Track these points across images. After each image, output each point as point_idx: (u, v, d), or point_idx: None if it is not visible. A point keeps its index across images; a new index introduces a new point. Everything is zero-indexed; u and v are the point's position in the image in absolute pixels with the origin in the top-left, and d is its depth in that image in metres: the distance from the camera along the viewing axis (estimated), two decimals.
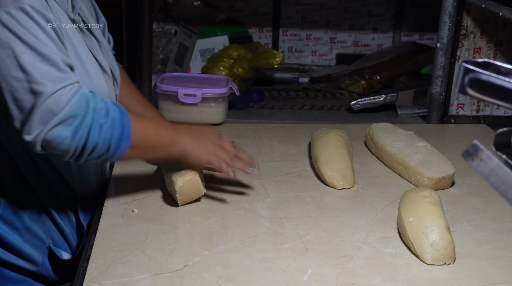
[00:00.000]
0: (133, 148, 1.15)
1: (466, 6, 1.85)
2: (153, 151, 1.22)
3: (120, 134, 1.12)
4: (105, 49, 1.33)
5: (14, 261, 1.27)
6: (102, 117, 1.11)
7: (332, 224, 1.24)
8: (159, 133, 1.21)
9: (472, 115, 1.99)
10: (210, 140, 1.27)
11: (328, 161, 1.43)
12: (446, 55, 1.87)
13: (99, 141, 1.10)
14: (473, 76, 0.63)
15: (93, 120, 1.10)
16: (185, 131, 1.25)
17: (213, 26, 2.39)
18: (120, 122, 1.13)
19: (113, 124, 1.12)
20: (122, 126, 1.13)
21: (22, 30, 1.05)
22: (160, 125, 1.24)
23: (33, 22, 1.06)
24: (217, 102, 1.79)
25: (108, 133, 1.11)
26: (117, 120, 1.13)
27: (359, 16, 2.57)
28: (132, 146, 1.15)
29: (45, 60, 1.06)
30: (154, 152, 1.22)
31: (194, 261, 1.09)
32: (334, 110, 2.07)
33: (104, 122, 1.11)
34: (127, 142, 1.14)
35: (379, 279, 1.06)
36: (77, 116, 1.08)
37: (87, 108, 1.09)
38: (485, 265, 1.12)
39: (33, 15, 1.06)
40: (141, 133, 1.17)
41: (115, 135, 1.12)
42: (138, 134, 1.16)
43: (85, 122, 1.09)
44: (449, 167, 1.43)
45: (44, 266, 1.29)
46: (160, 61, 2.40)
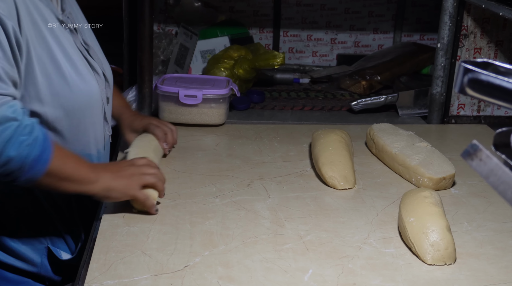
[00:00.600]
0: (48, 175, 1.10)
1: (467, 6, 1.85)
2: (69, 184, 1.15)
3: (39, 155, 1.07)
4: (94, 52, 1.33)
5: (13, 263, 1.27)
6: (24, 134, 1.06)
7: (332, 225, 1.24)
8: (79, 167, 1.15)
9: (472, 115, 1.99)
10: (129, 171, 1.21)
11: (328, 162, 1.43)
12: (446, 56, 1.87)
13: (14, 157, 1.05)
14: (472, 76, 0.63)
15: (14, 134, 1.05)
16: (103, 169, 1.20)
17: (213, 27, 2.40)
18: (42, 143, 1.08)
19: (34, 143, 1.07)
20: (43, 149, 1.08)
21: None
22: (81, 161, 1.18)
23: None
24: (218, 103, 1.79)
25: (26, 151, 1.06)
26: (39, 141, 1.08)
27: (359, 16, 2.57)
28: (48, 173, 1.10)
29: None
30: (70, 185, 1.15)
31: (195, 262, 1.09)
32: (334, 110, 2.07)
33: (25, 139, 1.06)
34: (43, 166, 1.08)
35: (380, 279, 1.06)
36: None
37: (11, 121, 1.05)
38: (485, 265, 1.12)
39: None
40: (60, 162, 1.12)
41: (33, 154, 1.07)
42: (58, 162, 1.11)
43: (5, 134, 1.04)
44: (450, 168, 1.43)
45: (43, 267, 1.29)
46: (161, 62, 2.41)
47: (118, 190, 1.19)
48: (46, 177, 1.10)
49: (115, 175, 1.19)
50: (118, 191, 1.19)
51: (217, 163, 1.53)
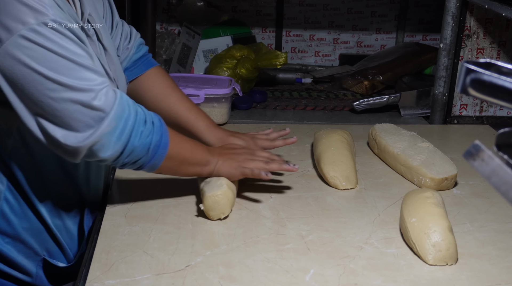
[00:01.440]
0: (169, 159, 1.17)
1: (469, 7, 1.85)
2: (187, 167, 1.23)
3: (159, 140, 1.14)
4: (110, 57, 1.31)
5: (8, 271, 1.26)
6: (142, 122, 1.12)
7: (334, 225, 1.24)
8: (195, 150, 1.23)
9: (475, 116, 1.99)
10: (242, 154, 1.29)
11: (330, 162, 1.43)
12: (449, 56, 1.87)
13: (138, 145, 1.12)
14: (474, 76, 0.63)
15: (135, 124, 1.11)
16: (218, 152, 1.28)
17: (216, 27, 2.40)
18: (159, 129, 1.14)
19: (152, 130, 1.13)
20: (161, 134, 1.14)
21: (51, 44, 1.04)
22: (196, 143, 1.26)
23: (59, 34, 1.05)
24: (220, 103, 1.79)
25: (148, 138, 1.12)
26: (156, 127, 1.14)
27: (362, 16, 2.57)
28: (168, 157, 1.16)
29: (80, 68, 1.07)
30: (188, 168, 1.23)
31: (197, 261, 1.09)
32: (337, 110, 2.07)
33: (144, 128, 1.12)
34: (164, 150, 1.15)
35: (381, 279, 1.06)
36: (121, 119, 1.09)
37: (129, 111, 1.11)
38: (487, 266, 1.12)
39: (57, 28, 1.05)
40: (178, 145, 1.19)
41: (154, 140, 1.13)
42: (176, 146, 1.18)
43: (128, 125, 1.10)
44: (452, 168, 1.43)
45: (38, 278, 1.28)
46: (163, 61, 2.41)
47: (227, 173, 1.26)
48: (167, 161, 1.17)
49: (228, 158, 1.27)
50: (227, 173, 1.26)
51: None
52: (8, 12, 1.01)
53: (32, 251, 1.26)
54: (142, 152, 1.13)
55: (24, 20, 1.02)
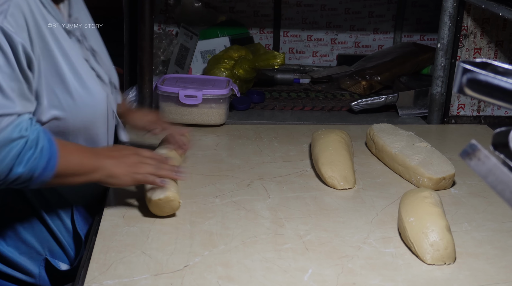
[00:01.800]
0: (57, 177, 1.14)
1: (466, 7, 1.85)
2: (76, 178, 1.19)
3: (46, 164, 1.11)
4: (100, 58, 1.32)
5: (11, 273, 1.26)
6: (31, 148, 1.09)
7: (332, 224, 1.24)
8: (83, 160, 1.19)
9: (472, 116, 1.99)
10: (131, 159, 1.24)
11: (328, 162, 1.43)
12: (446, 56, 1.88)
13: (23, 172, 1.09)
14: (470, 76, 0.63)
15: (21, 151, 1.08)
16: (106, 155, 1.22)
17: (214, 28, 2.40)
18: (47, 153, 1.11)
19: (40, 155, 1.10)
20: (49, 157, 1.11)
21: None
22: (83, 151, 1.21)
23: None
24: (218, 103, 1.79)
25: (33, 164, 1.09)
26: (44, 151, 1.11)
27: (359, 17, 2.57)
28: (56, 175, 1.14)
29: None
30: (77, 179, 1.19)
31: (195, 261, 1.09)
32: (335, 110, 2.07)
33: (32, 153, 1.09)
34: (51, 172, 1.12)
35: (379, 279, 1.06)
36: (4, 147, 1.06)
37: (17, 140, 1.07)
38: (485, 265, 1.12)
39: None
40: (66, 162, 1.15)
41: (40, 166, 1.10)
42: (63, 163, 1.14)
43: (12, 154, 1.07)
44: (450, 168, 1.43)
45: (41, 278, 1.28)
46: (161, 62, 2.41)
47: (119, 177, 1.21)
48: (55, 179, 1.14)
49: (117, 161, 1.22)
50: (119, 177, 1.21)
51: (217, 163, 1.53)
52: None
53: (34, 251, 1.26)
54: (26, 178, 1.10)
55: None
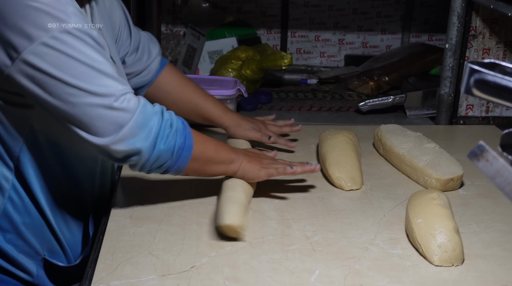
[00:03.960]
0: (194, 160, 1.19)
1: (475, 7, 1.84)
2: (212, 166, 1.25)
3: (183, 143, 1.16)
4: (119, 69, 1.33)
5: (10, 269, 1.26)
6: (167, 127, 1.14)
7: (339, 225, 1.24)
8: (219, 149, 1.26)
9: (481, 116, 1.98)
10: (265, 158, 1.33)
11: (336, 163, 1.43)
12: (455, 56, 1.87)
13: (164, 149, 1.14)
14: (478, 76, 0.63)
15: (160, 128, 1.13)
16: (243, 152, 1.31)
17: (221, 28, 2.40)
18: (182, 132, 1.16)
19: (176, 133, 1.15)
20: (185, 136, 1.17)
21: (72, 51, 1.05)
22: (219, 142, 1.28)
23: (80, 41, 1.07)
24: (225, 104, 1.79)
25: (172, 141, 1.14)
26: (179, 130, 1.16)
27: (367, 17, 2.57)
28: (193, 158, 1.18)
29: (101, 74, 1.08)
30: (214, 167, 1.25)
31: (202, 262, 1.09)
32: (342, 111, 2.06)
33: (169, 131, 1.14)
34: (189, 152, 1.17)
35: (387, 280, 1.06)
36: (145, 125, 1.11)
37: (154, 116, 1.13)
38: (493, 267, 1.11)
39: (79, 35, 1.06)
40: (202, 146, 1.21)
41: (178, 143, 1.15)
42: (200, 147, 1.20)
43: (153, 131, 1.12)
44: (458, 169, 1.42)
45: (39, 278, 1.28)
46: None
47: (253, 171, 1.28)
48: (193, 162, 1.19)
49: (252, 158, 1.30)
50: (254, 172, 1.28)
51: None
52: (31, 20, 1.03)
53: (33, 250, 1.26)
54: (167, 155, 1.15)
55: (46, 28, 1.03)
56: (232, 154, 1.28)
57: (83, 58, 1.06)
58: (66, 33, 1.05)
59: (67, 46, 1.05)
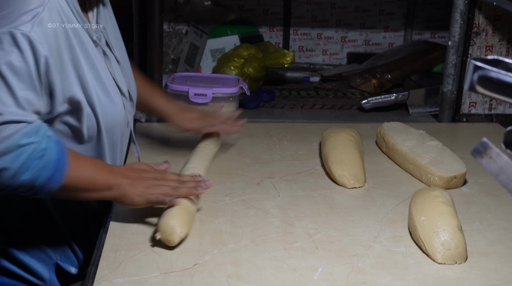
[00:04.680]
0: (65, 189, 1.10)
1: (478, 4, 1.84)
2: (87, 194, 1.16)
3: (51, 176, 1.07)
4: (123, 69, 1.31)
5: (23, 275, 1.26)
6: (37, 158, 1.06)
7: (342, 223, 1.24)
8: (95, 176, 1.14)
9: (484, 114, 1.98)
10: (148, 179, 1.18)
11: (338, 160, 1.43)
12: (457, 53, 1.86)
13: (26, 180, 1.06)
14: (482, 73, 0.63)
15: (27, 159, 1.05)
16: (123, 173, 1.18)
17: (223, 26, 2.40)
18: (54, 164, 1.07)
19: (47, 166, 1.07)
20: (56, 169, 1.08)
21: (1, 54, 1.02)
22: (98, 166, 1.17)
23: (17, 49, 1.03)
24: (228, 102, 1.79)
25: (37, 174, 1.06)
26: (51, 162, 1.07)
27: (370, 14, 2.56)
28: (63, 188, 1.10)
29: (7, 90, 1.03)
30: (88, 194, 1.16)
31: (204, 260, 1.09)
32: (345, 109, 2.06)
33: (38, 162, 1.06)
34: (56, 184, 1.08)
35: (390, 278, 1.06)
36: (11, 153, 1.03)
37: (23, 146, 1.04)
38: (496, 264, 1.11)
39: (20, 43, 1.03)
40: (76, 176, 1.11)
41: (45, 176, 1.07)
42: (73, 177, 1.10)
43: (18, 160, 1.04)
44: (461, 166, 1.42)
45: (52, 283, 1.28)
46: (171, 61, 2.41)
47: (131, 197, 1.16)
48: (63, 191, 1.11)
49: (134, 181, 1.17)
50: (132, 197, 1.16)
51: (227, 162, 1.53)
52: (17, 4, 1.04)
53: (46, 255, 1.26)
54: (32, 186, 1.07)
55: (1, 21, 1.03)
56: (111, 179, 1.15)
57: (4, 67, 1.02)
58: (9, 34, 1.02)
59: (1, 47, 1.02)
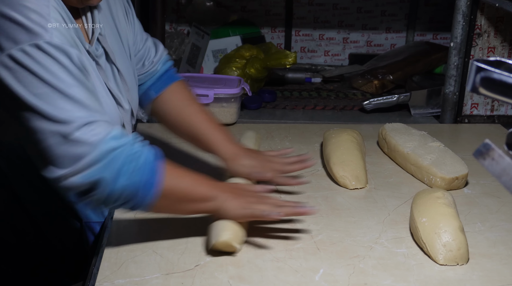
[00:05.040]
0: (164, 197, 1.06)
1: (480, 5, 1.84)
2: (187, 204, 1.12)
3: (148, 180, 1.03)
4: (123, 78, 1.24)
5: None
6: (132, 161, 1.02)
7: (344, 224, 1.24)
8: (196, 185, 1.12)
9: (486, 115, 1.97)
10: (252, 196, 1.17)
11: (340, 161, 1.43)
12: (459, 55, 1.86)
13: (126, 186, 1.02)
14: (484, 74, 0.63)
15: (125, 162, 1.01)
16: (226, 188, 1.17)
17: (225, 27, 2.40)
18: (150, 167, 1.04)
19: (143, 168, 1.03)
20: (152, 172, 1.04)
21: (38, 68, 0.98)
22: (198, 177, 1.14)
23: (51, 58, 0.99)
24: (229, 103, 1.79)
25: (136, 176, 1.02)
26: (147, 165, 1.04)
27: (372, 16, 2.56)
28: (163, 195, 1.06)
29: (65, 97, 0.99)
30: (189, 205, 1.12)
31: (206, 261, 1.09)
32: (346, 110, 2.06)
33: (133, 166, 1.02)
34: (156, 189, 1.04)
35: (391, 279, 1.06)
36: (106, 158, 1.00)
37: (118, 149, 1.01)
38: (498, 266, 1.11)
39: (50, 51, 0.99)
40: (175, 181, 1.08)
41: (143, 180, 1.03)
42: (172, 182, 1.07)
43: (117, 164, 1.01)
44: (463, 167, 1.42)
45: None
46: (172, 61, 2.41)
47: (233, 210, 1.13)
48: (163, 200, 1.06)
49: (236, 196, 1.14)
50: (233, 210, 1.13)
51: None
52: (4, 31, 0.98)
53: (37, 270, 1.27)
54: (130, 192, 1.03)
55: (16, 40, 0.98)
56: (213, 191, 1.13)
57: (48, 77, 0.98)
58: (36, 48, 0.98)
59: (34, 61, 0.98)
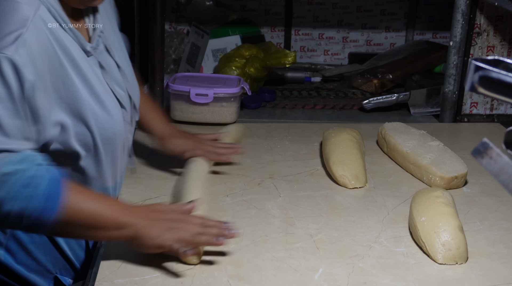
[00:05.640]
0: (67, 223, 1.00)
1: (479, 4, 1.84)
2: (93, 231, 1.05)
3: (43, 204, 0.98)
4: (124, 74, 1.24)
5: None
6: (24, 186, 0.97)
7: (343, 224, 1.24)
8: (104, 210, 1.04)
9: (485, 114, 1.98)
10: (169, 219, 1.07)
11: (339, 161, 1.43)
12: (459, 54, 1.86)
13: (13, 211, 0.97)
14: (483, 73, 0.63)
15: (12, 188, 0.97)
16: (138, 213, 1.07)
17: (225, 26, 2.40)
18: (45, 193, 0.98)
19: (35, 194, 0.97)
20: (48, 197, 0.98)
21: None
22: (108, 202, 1.07)
23: (0, 75, 0.98)
24: (229, 102, 1.79)
25: (24, 203, 0.97)
26: (43, 189, 0.98)
27: (371, 15, 2.56)
28: (63, 222, 1.00)
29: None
30: (95, 232, 1.05)
31: (205, 260, 1.09)
32: (346, 109, 2.06)
33: (24, 191, 0.97)
34: (50, 216, 0.98)
35: (390, 278, 1.06)
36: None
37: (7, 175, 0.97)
38: (497, 265, 1.11)
39: (3, 68, 0.98)
40: (76, 209, 1.01)
41: (33, 205, 0.97)
42: (72, 210, 1.00)
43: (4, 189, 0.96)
44: (462, 166, 1.42)
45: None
46: (172, 61, 2.41)
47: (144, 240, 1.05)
48: (63, 227, 1.01)
49: (151, 222, 1.06)
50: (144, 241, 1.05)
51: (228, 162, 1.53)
52: None
53: (44, 269, 1.26)
54: (17, 217, 0.98)
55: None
56: (124, 216, 1.04)
57: None
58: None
59: None
